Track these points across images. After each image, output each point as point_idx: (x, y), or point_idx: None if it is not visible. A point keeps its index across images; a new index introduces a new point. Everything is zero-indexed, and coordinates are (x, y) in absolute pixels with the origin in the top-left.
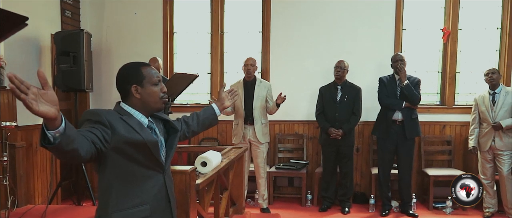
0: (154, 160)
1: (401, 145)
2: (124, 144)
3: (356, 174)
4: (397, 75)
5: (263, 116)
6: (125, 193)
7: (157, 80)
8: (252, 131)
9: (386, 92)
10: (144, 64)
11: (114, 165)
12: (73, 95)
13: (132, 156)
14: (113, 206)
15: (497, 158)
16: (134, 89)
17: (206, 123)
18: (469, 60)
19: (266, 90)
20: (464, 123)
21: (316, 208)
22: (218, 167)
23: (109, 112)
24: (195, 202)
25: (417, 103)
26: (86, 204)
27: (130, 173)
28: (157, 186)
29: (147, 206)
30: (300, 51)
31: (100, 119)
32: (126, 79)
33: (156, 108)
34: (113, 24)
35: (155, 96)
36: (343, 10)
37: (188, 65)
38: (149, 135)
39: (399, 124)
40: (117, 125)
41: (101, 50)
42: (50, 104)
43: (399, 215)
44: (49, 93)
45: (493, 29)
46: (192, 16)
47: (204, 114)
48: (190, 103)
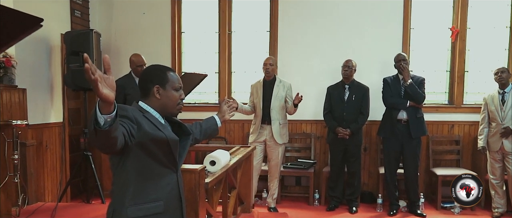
0: (172, 158)
1: (407, 144)
2: (148, 139)
3: (364, 174)
4: (401, 75)
5: (281, 116)
6: (142, 188)
7: (179, 86)
8: (269, 131)
9: (390, 92)
10: (171, 69)
11: (136, 159)
12: (82, 94)
13: (153, 152)
14: (129, 200)
15: (506, 158)
16: (156, 89)
17: (208, 132)
18: (477, 59)
19: (285, 90)
20: (472, 123)
21: (324, 208)
22: (226, 166)
23: (133, 108)
24: (204, 201)
25: (421, 102)
26: (95, 202)
27: (149, 169)
28: (171, 184)
29: (161, 203)
30: (307, 51)
31: (127, 114)
32: (151, 78)
33: (171, 113)
34: (122, 24)
35: (174, 100)
36: (351, 10)
37: (196, 65)
38: (171, 133)
39: (404, 124)
40: (142, 121)
41: (110, 50)
42: (110, 89)
43: (407, 214)
44: (110, 78)
45: (502, 28)
46: (200, 15)
47: (207, 124)
48: (198, 102)
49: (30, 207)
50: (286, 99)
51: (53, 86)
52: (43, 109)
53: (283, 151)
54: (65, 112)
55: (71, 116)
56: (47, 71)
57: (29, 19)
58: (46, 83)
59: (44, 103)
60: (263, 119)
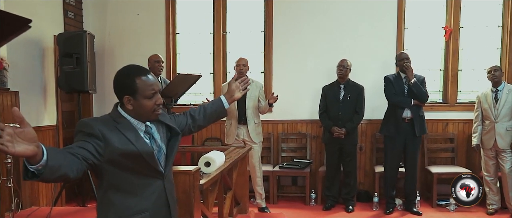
0: (152, 168)
1: (410, 142)
2: (118, 155)
3: (360, 173)
4: (403, 73)
5: (255, 116)
6: (124, 202)
7: (151, 94)
8: (246, 131)
9: (394, 91)
10: (141, 73)
11: (110, 175)
12: (76, 96)
13: (128, 166)
14: (112, 214)
15: (499, 155)
16: (127, 100)
17: (214, 116)
18: (471, 58)
19: (258, 90)
20: (466, 121)
21: (320, 207)
22: (221, 167)
23: (104, 121)
24: (199, 202)
25: (425, 101)
26: (90, 205)
27: (128, 183)
28: (156, 192)
29: (147, 214)
30: (302, 51)
31: (93, 131)
32: (120, 88)
33: (148, 120)
34: (116, 25)
35: (147, 109)
36: (345, 10)
37: (191, 66)
38: (144, 145)
39: (408, 122)
40: (111, 136)
41: (104, 51)
42: (28, 142)
43: (403, 213)
44: (26, 131)
45: (494, 27)
46: (194, 16)
47: (212, 107)
48: (193, 103)
49: (24, 212)
50: (258, 98)
51: (46, 88)
52: (36, 111)
53: (260, 149)
54: (59, 114)
55: (65, 118)
56: (40, 73)
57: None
58: (39, 86)
59: (37, 106)
60: (239, 119)
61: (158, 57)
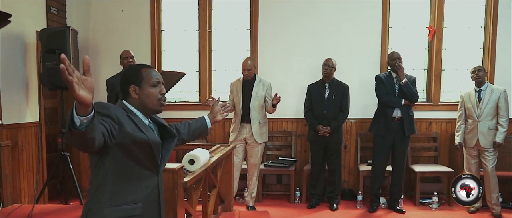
0: (153, 160)
1: (399, 142)
2: (129, 141)
3: (344, 171)
4: (395, 73)
5: (261, 116)
6: (120, 189)
7: (155, 82)
8: (249, 130)
9: (384, 90)
10: (146, 66)
11: (115, 159)
12: (59, 93)
13: (134, 153)
14: (106, 200)
15: (482, 154)
16: (132, 89)
17: (197, 133)
18: (454, 58)
19: (265, 90)
20: (449, 120)
21: (305, 205)
22: (206, 164)
23: (117, 107)
24: (183, 200)
25: (415, 101)
26: (73, 203)
27: (128, 170)
28: (150, 186)
29: (139, 205)
30: (288, 49)
31: (109, 113)
32: (126, 79)
33: (154, 110)
34: (100, 21)
35: (152, 97)
36: (331, 9)
37: (176, 63)
38: (153, 135)
39: (398, 121)
40: (125, 122)
41: (88, 48)
42: (88, 90)
43: (387, 211)
44: (89, 80)
45: (477, 27)
46: (179, 13)
47: (196, 125)
48: (178, 101)
49: (6, 210)
50: (265, 98)
51: (28, 85)
52: (18, 108)
53: (262, 149)
54: (41, 111)
55: (48, 115)
56: (22, 69)
57: None
58: (21, 82)
59: (19, 102)
60: (242, 118)
61: (126, 53)
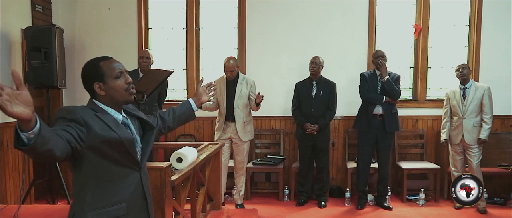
0: (131, 157)
1: (381, 139)
2: (100, 142)
3: (332, 169)
4: (378, 70)
5: (245, 114)
6: (101, 191)
7: (118, 73)
8: (233, 128)
9: (367, 87)
10: (104, 58)
11: (90, 163)
12: (45, 92)
13: (108, 154)
14: (88, 204)
15: (467, 151)
16: (97, 86)
17: (183, 118)
18: (439, 56)
19: (248, 88)
20: (435, 117)
21: (293, 203)
22: (194, 163)
23: (84, 109)
24: (171, 198)
25: (397, 98)
26: (60, 203)
27: (106, 171)
28: (133, 184)
29: (124, 205)
30: (275, 48)
31: (75, 117)
32: (87, 77)
33: (124, 101)
34: (87, 19)
35: (119, 89)
36: (318, 7)
37: (164, 61)
38: (125, 132)
39: (380, 118)
40: (92, 123)
41: (74, 46)
42: (25, 105)
43: (375, 208)
44: (23, 94)
45: (462, 26)
46: (167, 12)
47: (181, 109)
48: (166, 100)
49: None
50: (249, 96)
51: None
52: None
53: (248, 147)
54: None
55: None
56: (7, 68)
57: None
58: (6, 81)
59: None
60: (227, 116)
61: (143, 53)
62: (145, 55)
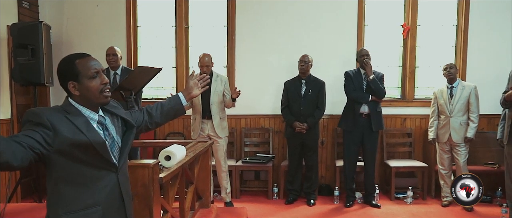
0: (104, 160)
1: (367, 137)
2: (68, 146)
3: (321, 167)
4: (363, 69)
5: (220, 110)
6: (75, 194)
7: (94, 73)
8: (211, 126)
9: (353, 86)
10: (81, 55)
11: (60, 167)
12: (32, 89)
13: (79, 157)
14: (63, 208)
15: (454, 149)
16: (72, 86)
17: (171, 113)
18: (427, 55)
19: (223, 85)
20: (423, 116)
21: (282, 201)
22: (182, 161)
23: (53, 111)
24: (159, 196)
25: (382, 97)
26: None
27: (79, 175)
28: (109, 186)
29: (99, 207)
30: (265, 46)
31: (41, 121)
32: (62, 76)
33: (98, 103)
34: (74, 16)
35: (94, 90)
36: (307, 6)
37: (153, 59)
38: (96, 135)
39: (365, 117)
40: (60, 126)
41: (61, 43)
42: None
43: (363, 205)
44: None
45: (449, 26)
46: (156, 9)
47: (169, 104)
48: (155, 97)
49: None
50: (224, 93)
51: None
52: None
53: (226, 143)
54: (13, 108)
55: (20, 112)
56: None
57: None
58: None
59: None
60: (203, 113)
61: (111, 50)
62: (112, 52)
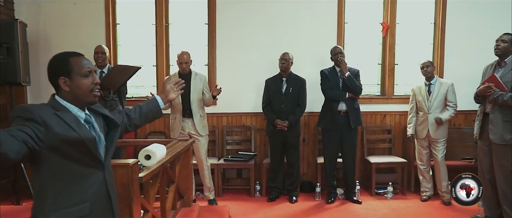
0: (93, 157)
1: (346, 134)
2: (59, 142)
3: (303, 164)
4: (338, 67)
5: (200, 109)
6: (63, 191)
7: (87, 71)
8: (192, 124)
9: (329, 84)
10: (75, 54)
11: (50, 163)
12: (8, 89)
13: (68, 153)
14: (50, 205)
15: (432, 145)
16: (63, 81)
17: (149, 116)
18: (406, 53)
19: (202, 83)
20: (402, 112)
21: (265, 198)
22: (163, 159)
23: (43, 107)
24: (138, 196)
25: (359, 94)
26: (26, 203)
27: (67, 171)
28: (96, 183)
29: (87, 205)
30: (246, 44)
31: (32, 116)
32: (54, 71)
33: (86, 102)
34: (51, 13)
35: (84, 88)
36: (288, 4)
37: (133, 58)
38: (86, 131)
39: (344, 115)
40: (51, 122)
41: (38, 42)
42: None
43: (344, 202)
44: None
45: (427, 24)
46: (135, 7)
47: (148, 107)
48: (135, 96)
49: None
50: (203, 91)
51: None
52: None
53: (207, 142)
54: None
55: None
56: None
57: None
58: None
59: None
60: (184, 112)
61: (99, 48)
62: (100, 51)
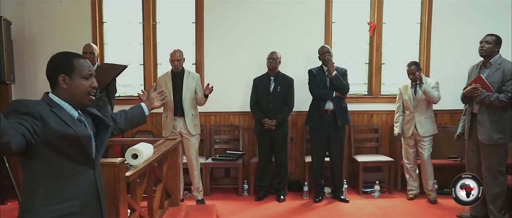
0: (86, 154)
1: (333, 133)
2: (55, 137)
3: (291, 163)
4: (325, 66)
5: (193, 108)
6: (54, 187)
7: (87, 74)
8: (183, 123)
9: (316, 84)
10: (78, 55)
11: (43, 158)
12: None
13: (63, 150)
14: (40, 201)
15: (418, 143)
16: (62, 79)
17: (134, 121)
18: (393, 52)
19: (195, 82)
20: (389, 112)
21: (253, 198)
22: (150, 159)
23: (39, 103)
24: (125, 195)
25: (346, 92)
26: (10, 203)
27: (59, 167)
28: (87, 181)
29: (77, 202)
30: (234, 43)
31: (30, 111)
32: (56, 67)
33: (82, 103)
34: (37, 11)
35: (82, 90)
36: (276, 4)
37: (120, 56)
38: (82, 129)
39: (331, 114)
40: (48, 118)
41: (23, 40)
42: None
43: (332, 200)
44: None
45: (413, 24)
46: (122, 5)
47: (133, 113)
48: (122, 95)
49: None
50: (196, 90)
51: None
52: None
53: (198, 141)
54: None
55: None
56: None
57: None
58: None
59: None
60: (175, 111)
61: (88, 48)
62: (89, 50)
